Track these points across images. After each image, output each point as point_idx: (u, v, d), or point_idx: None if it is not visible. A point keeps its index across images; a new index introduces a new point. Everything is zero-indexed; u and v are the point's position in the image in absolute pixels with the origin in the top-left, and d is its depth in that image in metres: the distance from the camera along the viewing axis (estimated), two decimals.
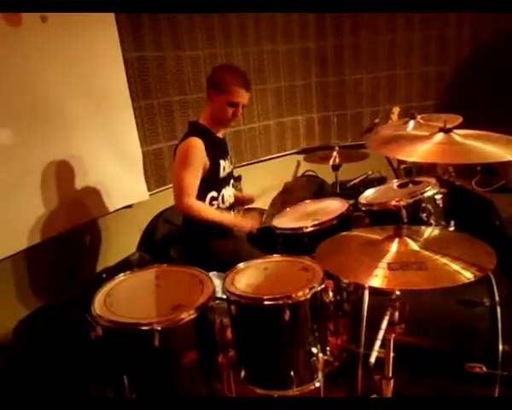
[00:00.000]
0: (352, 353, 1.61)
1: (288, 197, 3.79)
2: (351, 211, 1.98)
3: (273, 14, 3.42)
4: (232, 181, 2.23)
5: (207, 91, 2.06)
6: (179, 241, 2.39)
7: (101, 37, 2.42)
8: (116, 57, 2.54)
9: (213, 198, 2.10)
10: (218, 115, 2.05)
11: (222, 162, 2.10)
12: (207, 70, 3.18)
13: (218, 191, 2.11)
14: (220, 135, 2.17)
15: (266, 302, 1.46)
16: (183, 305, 1.48)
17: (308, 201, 2.31)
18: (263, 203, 2.62)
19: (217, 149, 2.08)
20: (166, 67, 2.92)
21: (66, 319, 2.16)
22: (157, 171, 2.94)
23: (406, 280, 1.17)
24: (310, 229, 1.92)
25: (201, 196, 2.05)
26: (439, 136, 1.34)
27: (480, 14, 3.59)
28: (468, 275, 1.15)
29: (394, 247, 1.33)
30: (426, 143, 1.35)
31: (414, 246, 1.31)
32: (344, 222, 1.93)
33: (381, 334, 1.23)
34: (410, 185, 1.95)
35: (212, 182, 2.06)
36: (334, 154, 2.59)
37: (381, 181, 2.90)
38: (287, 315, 1.44)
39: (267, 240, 2.15)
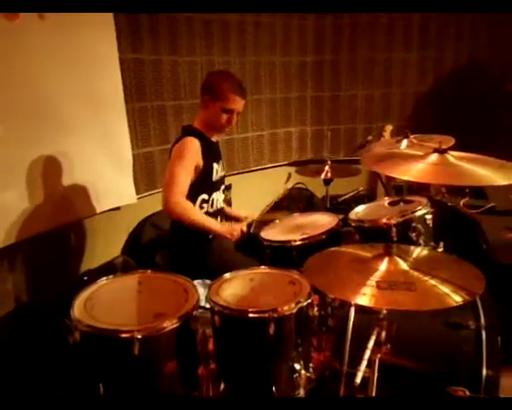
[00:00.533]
0: (334, 370, 1.59)
1: (277, 209, 3.82)
2: (340, 226, 1.96)
3: (273, 25, 3.44)
4: (223, 187, 2.21)
5: (202, 97, 2.05)
6: (165, 246, 2.36)
7: (98, 36, 2.39)
8: (112, 57, 2.51)
9: (204, 201, 2.08)
10: (212, 121, 2.04)
11: (215, 165, 2.09)
12: (204, 77, 3.16)
13: (209, 194, 2.09)
14: (214, 139, 2.16)
15: (251, 315, 1.43)
16: (165, 313, 1.44)
17: (297, 214, 2.30)
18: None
19: (211, 152, 2.07)
20: (162, 70, 2.91)
21: (44, 320, 2.11)
22: (147, 174, 2.90)
23: (394, 300, 1.16)
24: (298, 242, 1.89)
25: (192, 197, 2.02)
26: (434, 156, 1.34)
27: (477, 35, 3.64)
28: (456, 298, 1.14)
29: (384, 265, 1.31)
30: (420, 162, 1.35)
31: (403, 266, 1.30)
32: (333, 237, 1.92)
33: (367, 354, 1.21)
34: (402, 204, 1.94)
35: (204, 184, 2.05)
36: (326, 168, 2.58)
37: (371, 198, 2.90)
38: (271, 329, 1.41)
39: (255, 249, 2.13)
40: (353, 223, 1.89)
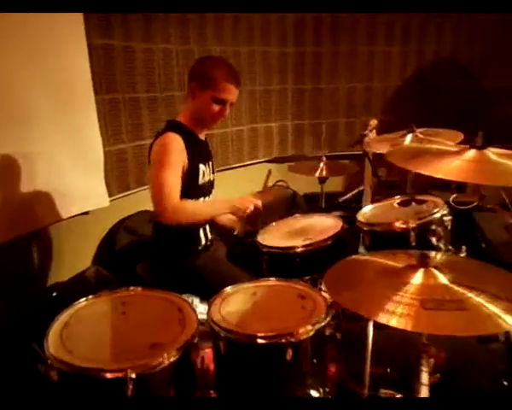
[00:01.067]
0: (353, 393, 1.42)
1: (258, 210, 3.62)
2: (346, 230, 1.78)
3: (252, 14, 3.21)
4: (212, 193, 1.95)
5: (189, 85, 1.79)
6: (145, 255, 2.10)
7: (63, 17, 2.08)
8: (79, 42, 2.21)
9: None
10: (201, 113, 1.79)
11: (201, 167, 1.83)
12: (180, 66, 2.92)
13: (196, 200, 1.83)
14: (202, 136, 1.90)
15: (260, 341, 1.22)
16: (160, 343, 1.20)
17: (297, 215, 2.09)
18: None
19: (197, 152, 1.81)
20: (135, 59, 2.63)
21: (6, 346, 1.81)
22: (120, 174, 2.62)
23: (445, 323, 0.98)
24: (302, 249, 1.70)
25: None
26: (471, 153, 1.17)
27: (458, 30, 3.58)
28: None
29: (418, 278, 1.14)
30: (455, 159, 1.18)
31: (442, 279, 1.12)
32: (339, 243, 1.73)
33: (424, 390, 1.03)
34: (414, 204, 1.79)
35: (188, 188, 1.78)
36: (321, 165, 2.38)
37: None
38: (284, 356, 1.21)
39: (250, 258, 1.92)
40: (364, 227, 1.71)
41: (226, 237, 2.03)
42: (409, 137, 1.98)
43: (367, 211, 1.87)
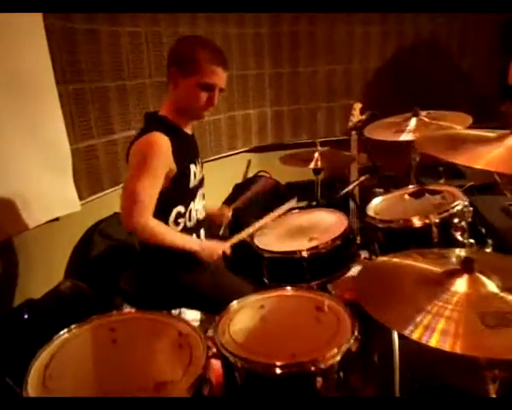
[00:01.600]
0: None
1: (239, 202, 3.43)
2: (353, 228, 1.63)
3: None
4: (202, 192, 1.73)
5: (169, 72, 1.55)
6: (127, 263, 1.87)
7: None
8: (36, 25, 1.93)
9: (179, 215, 1.59)
10: (186, 104, 1.55)
11: (193, 167, 1.60)
12: (150, 52, 2.66)
13: (187, 205, 1.61)
14: (189, 130, 1.68)
15: (279, 370, 1.05)
16: (166, 381, 1.01)
17: (296, 211, 1.91)
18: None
19: (186, 151, 1.59)
20: (101, 43, 2.35)
21: None
22: (91, 174, 2.36)
23: (503, 345, 0.83)
24: (309, 252, 1.53)
25: (164, 212, 1.54)
26: None
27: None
28: None
29: (462, 286, 1.00)
30: (496, 147, 1.03)
31: (491, 286, 0.99)
32: (348, 242, 1.58)
33: None
34: (427, 195, 1.65)
35: (179, 194, 1.56)
36: (316, 155, 2.19)
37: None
38: (308, 385, 1.05)
39: (247, 263, 1.74)
40: (379, 223, 1.56)
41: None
42: (413, 121, 1.84)
43: (376, 204, 1.72)
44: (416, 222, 1.44)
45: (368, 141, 2.24)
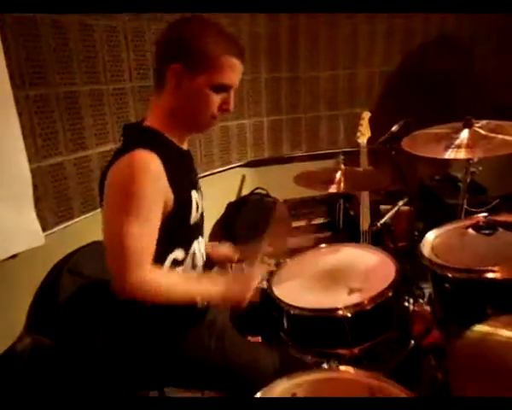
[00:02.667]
0: None
1: (231, 226, 3.03)
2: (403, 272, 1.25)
3: None
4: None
5: (163, 69, 1.13)
6: (99, 311, 1.44)
7: None
8: None
9: (177, 263, 1.16)
10: (192, 111, 1.14)
11: (194, 195, 1.19)
12: (130, 51, 2.25)
13: (187, 249, 1.19)
14: (184, 146, 1.26)
15: None
16: None
17: (323, 246, 1.51)
18: None
19: (184, 172, 1.19)
20: (70, 39, 1.93)
21: None
22: (57, 198, 1.92)
23: None
24: (353, 309, 1.13)
25: (156, 260, 1.10)
26: None
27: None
28: None
29: None
30: None
31: None
32: (399, 292, 1.20)
33: None
34: (501, 230, 1.28)
35: (176, 233, 1.14)
36: (339, 175, 1.71)
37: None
38: None
39: (260, 317, 1.34)
40: (447, 272, 1.17)
41: None
42: (465, 132, 1.48)
43: (431, 241, 1.34)
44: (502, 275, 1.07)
45: (397, 156, 1.88)
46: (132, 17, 2.23)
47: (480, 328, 0.87)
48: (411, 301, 1.55)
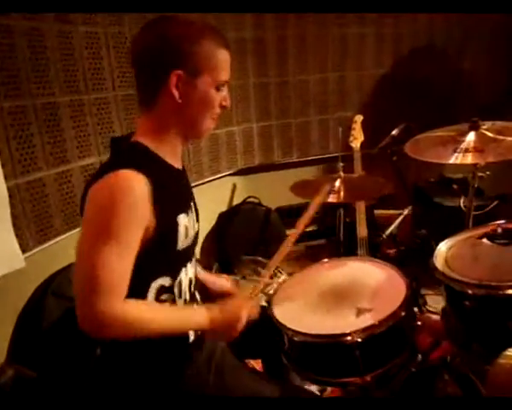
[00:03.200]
0: None
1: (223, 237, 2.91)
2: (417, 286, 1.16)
3: None
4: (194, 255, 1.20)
5: (157, 80, 1.01)
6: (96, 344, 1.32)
7: None
8: None
9: (163, 290, 1.05)
10: (196, 117, 1.04)
11: (182, 220, 1.06)
12: (112, 58, 2.14)
13: (174, 276, 1.07)
14: (178, 164, 1.13)
15: None
16: None
17: (326, 261, 1.41)
18: None
19: (174, 195, 1.07)
20: (46, 48, 1.81)
21: None
22: (38, 216, 1.80)
23: None
24: (363, 335, 1.04)
25: (139, 288, 1.00)
26: None
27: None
28: None
29: None
30: None
31: None
32: (411, 310, 1.11)
33: None
34: None
35: (162, 260, 1.03)
36: (338, 184, 1.58)
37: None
38: None
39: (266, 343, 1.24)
40: (469, 289, 1.08)
41: None
42: (471, 135, 1.40)
43: (444, 253, 1.25)
44: None
45: (397, 162, 1.80)
46: (114, 22, 2.12)
47: None
48: (416, 310, 1.48)
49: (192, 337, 1.11)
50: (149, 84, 1.02)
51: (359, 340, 1.03)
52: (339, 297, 1.21)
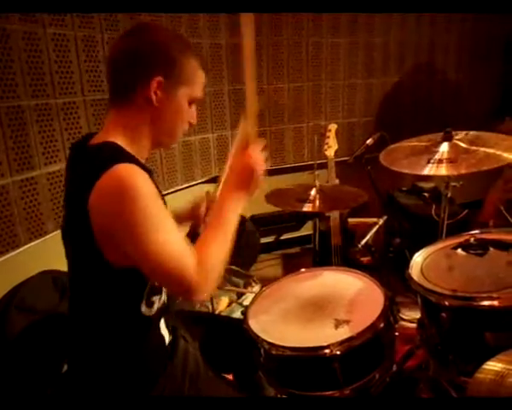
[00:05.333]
0: None
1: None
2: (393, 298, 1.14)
3: None
4: None
5: (134, 83, 0.98)
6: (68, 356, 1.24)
7: None
8: None
9: (154, 291, 1.04)
10: (169, 125, 1.03)
11: None
12: (81, 61, 2.07)
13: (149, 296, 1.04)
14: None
15: None
16: None
17: (303, 271, 1.39)
18: None
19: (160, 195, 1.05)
20: (11, 50, 1.73)
21: None
22: (0, 225, 1.70)
23: None
24: (342, 347, 1.01)
25: (136, 288, 1.00)
26: None
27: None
28: None
29: None
30: None
31: None
32: (389, 321, 1.09)
33: None
34: (492, 250, 1.20)
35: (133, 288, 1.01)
36: (313, 193, 1.59)
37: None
38: None
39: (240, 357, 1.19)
40: (445, 301, 1.07)
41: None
42: (444, 145, 1.41)
43: (420, 263, 1.25)
44: (505, 301, 0.98)
45: (372, 171, 1.80)
46: (84, 24, 2.05)
47: (493, 367, 0.77)
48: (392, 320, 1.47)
49: (167, 340, 1.08)
50: (128, 86, 0.99)
51: (338, 353, 1.00)
52: (316, 308, 1.19)
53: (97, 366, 1.02)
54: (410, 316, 1.90)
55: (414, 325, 1.35)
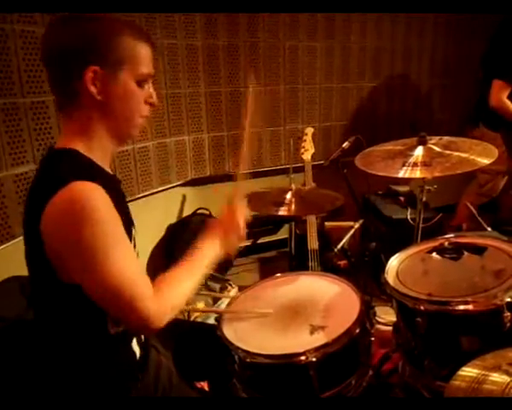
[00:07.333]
0: None
1: (172, 249, 2.81)
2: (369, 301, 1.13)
3: None
4: None
5: (72, 80, 0.92)
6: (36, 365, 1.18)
7: None
8: None
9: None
10: (122, 114, 0.97)
11: (133, 232, 1.03)
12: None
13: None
14: (110, 170, 1.05)
15: None
16: None
17: (279, 275, 1.36)
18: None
19: (122, 205, 0.99)
20: None
21: None
22: None
23: None
24: (318, 354, 0.99)
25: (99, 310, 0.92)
26: None
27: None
28: None
29: None
30: None
31: None
32: (365, 327, 1.08)
33: None
34: (466, 254, 1.21)
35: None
36: (289, 197, 1.59)
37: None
38: None
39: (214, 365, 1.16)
40: (420, 305, 1.07)
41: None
42: (419, 149, 1.41)
43: (394, 268, 1.24)
44: (484, 305, 0.98)
45: (348, 174, 1.80)
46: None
47: (468, 373, 0.76)
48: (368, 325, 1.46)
49: (138, 354, 1.03)
50: (65, 84, 0.94)
51: (314, 359, 0.98)
52: (292, 314, 1.17)
53: (64, 382, 0.97)
54: (387, 319, 1.91)
55: (390, 328, 1.35)
